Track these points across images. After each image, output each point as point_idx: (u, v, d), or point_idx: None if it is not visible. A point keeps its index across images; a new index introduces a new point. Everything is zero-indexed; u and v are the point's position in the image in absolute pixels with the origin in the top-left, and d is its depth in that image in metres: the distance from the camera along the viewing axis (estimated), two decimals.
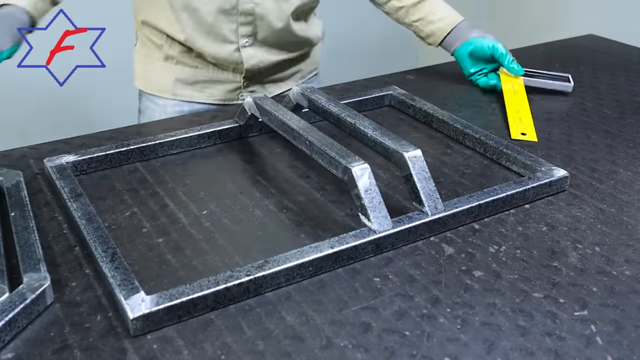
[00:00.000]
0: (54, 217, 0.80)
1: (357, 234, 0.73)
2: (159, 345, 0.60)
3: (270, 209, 0.82)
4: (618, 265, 0.73)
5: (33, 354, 0.59)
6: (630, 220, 0.81)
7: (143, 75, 1.22)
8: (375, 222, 0.73)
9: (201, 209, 0.82)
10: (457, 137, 1.01)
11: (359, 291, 0.68)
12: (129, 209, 0.82)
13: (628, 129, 1.07)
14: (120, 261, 0.68)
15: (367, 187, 0.74)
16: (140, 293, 0.63)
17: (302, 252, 0.70)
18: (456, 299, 0.67)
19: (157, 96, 1.21)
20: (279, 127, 0.88)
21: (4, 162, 0.91)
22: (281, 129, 0.88)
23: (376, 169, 0.91)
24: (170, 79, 1.18)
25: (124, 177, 0.89)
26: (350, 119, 0.87)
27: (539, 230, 0.79)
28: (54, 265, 0.70)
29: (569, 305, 0.66)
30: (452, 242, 0.76)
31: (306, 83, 1.28)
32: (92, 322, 0.63)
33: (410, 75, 1.30)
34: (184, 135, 0.96)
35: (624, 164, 0.95)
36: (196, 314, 0.64)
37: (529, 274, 0.71)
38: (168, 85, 1.19)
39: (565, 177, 0.87)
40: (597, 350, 0.61)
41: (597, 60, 1.42)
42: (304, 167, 0.92)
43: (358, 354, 0.60)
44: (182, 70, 1.18)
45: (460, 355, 0.60)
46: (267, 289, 0.67)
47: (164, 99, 1.20)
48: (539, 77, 1.22)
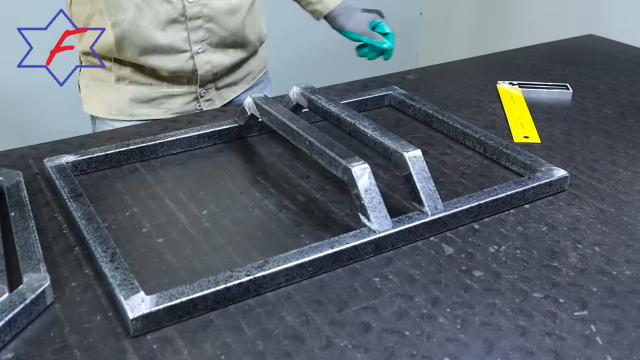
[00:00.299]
0: (53, 217, 0.80)
1: (357, 234, 0.73)
2: (159, 346, 0.60)
3: (270, 209, 0.82)
4: (618, 265, 0.73)
5: (33, 354, 0.59)
6: (630, 220, 0.81)
7: (94, 100, 1.17)
8: (375, 222, 0.73)
9: (201, 209, 0.82)
10: (457, 137, 1.01)
11: (359, 291, 0.68)
12: (129, 209, 0.82)
13: (628, 129, 1.07)
14: (120, 261, 0.68)
15: (367, 187, 0.74)
16: (140, 293, 0.63)
17: (302, 252, 0.70)
18: (456, 299, 0.67)
19: (113, 119, 1.16)
20: (279, 127, 0.88)
21: (4, 162, 0.91)
22: (281, 129, 0.88)
23: (376, 169, 0.91)
24: (125, 101, 1.14)
25: (124, 177, 0.89)
26: (350, 119, 0.87)
27: (539, 230, 0.79)
28: (53, 265, 0.70)
29: (568, 305, 0.66)
30: (452, 242, 0.76)
31: (258, 84, 1.29)
32: (92, 322, 0.63)
33: (410, 75, 1.30)
34: (184, 135, 0.96)
35: (624, 164, 0.95)
36: (196, 314, 0.64)
37: (528, 274, 0.71)
38: (123, 107, 1.15)
39: (565, 177, 0.87)
40: (597, 350, 0.61)
41: (597, 60, 1.42)
42: (304, 167, 0.92)
43: (358, 354, 0.60)
44: (135, 90, 1.14)
45: (460, 355, 0.60)
46: (267, 289, 0.67)
47: (120, 121, 1.15)
48: (537, 89, 1.22)
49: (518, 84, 1.24)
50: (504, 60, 1.42)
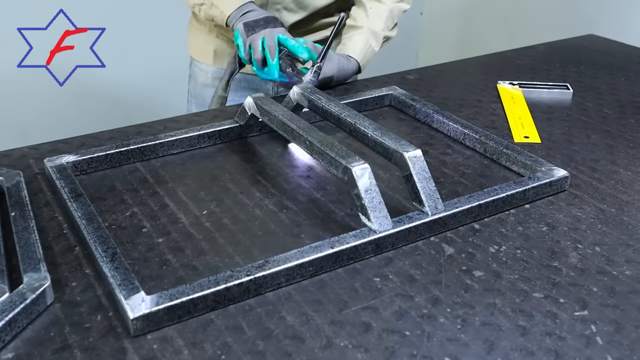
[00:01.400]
0: (54, 217, 0.80)
1: (357, 234, 0.73)
2: (159, 345, 0.60)
3: (270, 208, 0.82)
4: (618, 265, 0.73)
5: (33, 354, 0.59)
6: (630, 220, 0.81)
7: (191, 43, 1.38)
8: (376, 222, 0.73)
9: (201, 208, 0.82)
10: (457, 137, 1.01)
11: (359, 291, 0.68)
12: (129, 208, 0.82)
13: (628, 129, 1.07)
14: (120, 261, 0.68)
15: (367, 187, 0.74)
16: (141, 293, 0.63)
17: (302, 252, 0.70)
18: (456, 299, 0.67)
19: (201, 62, 1.36)
20: (279, 127, 0.88)
21: (4, 162, 0.91)
22: (281, 129, 0.88)
23: (376, 169, 0.91)
24: (211, 50, 1.32)
25: (124, 177, 0.89)
26: (350, 119, 0.87)
27: (539, 230, 0.79)
28: (54, 265, 0.70)
29: (569, 305, 0.66)
30: (452, 242, 0.76)
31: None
32: (92, 322, 0.63)
33: (411, 75, 1.30)
34: (184, 135, 0.96)
35: (624, 164, 0.95)
36: (196, 314, 0.64)
37: (529, 274, 0.71)
38: (209, 54, 1.33)
39: (566, 177, 0.87)
40: (597, 350, 0.61)
41: (597, 60, 1.42)
42: (304, 167, 0.92)
43: (358, 354, 0.60)
44: (220, 43, 1.31)
45: (460, 355, 0.60)
46: (267, 289, 0.67)
47: (206, 65, 1.35)
48: (537, 88, 1.22)
49: (518, 84, 1.24)
50: (504, 60, 1.42)
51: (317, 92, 0.96)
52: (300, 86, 0.98)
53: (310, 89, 0.97)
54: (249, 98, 0.96)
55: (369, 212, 0.73)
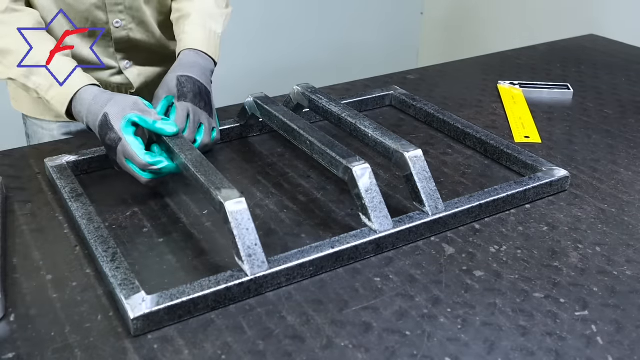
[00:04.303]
0: (54, 217, 0.80)
1: (357, 234, 0.73)
2: (160, 345, 0.60)
3: (270, 208, 0.82)
4: (619, 265, 0.73)
5: (34, 353, 0.59)
6: (631, 220, 0.81)
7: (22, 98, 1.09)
8: (376, 222, 0.73)
9: (202, 208, 0.82)
10: (458, 137, 1.01)
11: (360, 291, 0.68)
12: (130, 208, 0.82)
13: (629, 129, 1.07)
14: (120, 261, 0.68)
15: (368, 187, 0.74)
16: (141, 293, 0.63)
17: (303, 252, 0.70)
18: (457, 299, 0.67)
19: (42, 120, 1.09)
20: (279, 127, 0.88)
21: (4, 162, 0.91)
22: (282, 129, 0.88)
23: (377, 169, 0.91)
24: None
25: (125, 177, 0.89)
26: (351, 119, 0.87)
27: (540, 230, 0.79)
28: (54, 265, 0.70)
29: (569, 305, 0.66)
30: (452, 242, 0.76)
31: None
32: (93, 322, 0.63)
33: (411, 75, 1.30)
34: None
35: (624, 164, 0.95)
36: (197, 313, 0.64)
37: (529, 274, 0.71)
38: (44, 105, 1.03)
39: (566, 177, 0.87)
40: (598, 350, 0.61)
41: (597, 60, 1.42)
42: (304, 167, 0.92)
43: (359, 354, 0.60)
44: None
45: (461, 355, 0.60)
46: (268, 288, 0.67)
47: (48, 122, 1.09)
48: (538, 88, 1.22)
49: (519, 83, 1.24)
50: (504, 60, 1.42)
51: (317, 92, 0.96)
52: (302, 86, 0.98)
53: (311, 88, 0.97)
54: (249, 98, 0.96)
55: (370, 212, 0.73)
